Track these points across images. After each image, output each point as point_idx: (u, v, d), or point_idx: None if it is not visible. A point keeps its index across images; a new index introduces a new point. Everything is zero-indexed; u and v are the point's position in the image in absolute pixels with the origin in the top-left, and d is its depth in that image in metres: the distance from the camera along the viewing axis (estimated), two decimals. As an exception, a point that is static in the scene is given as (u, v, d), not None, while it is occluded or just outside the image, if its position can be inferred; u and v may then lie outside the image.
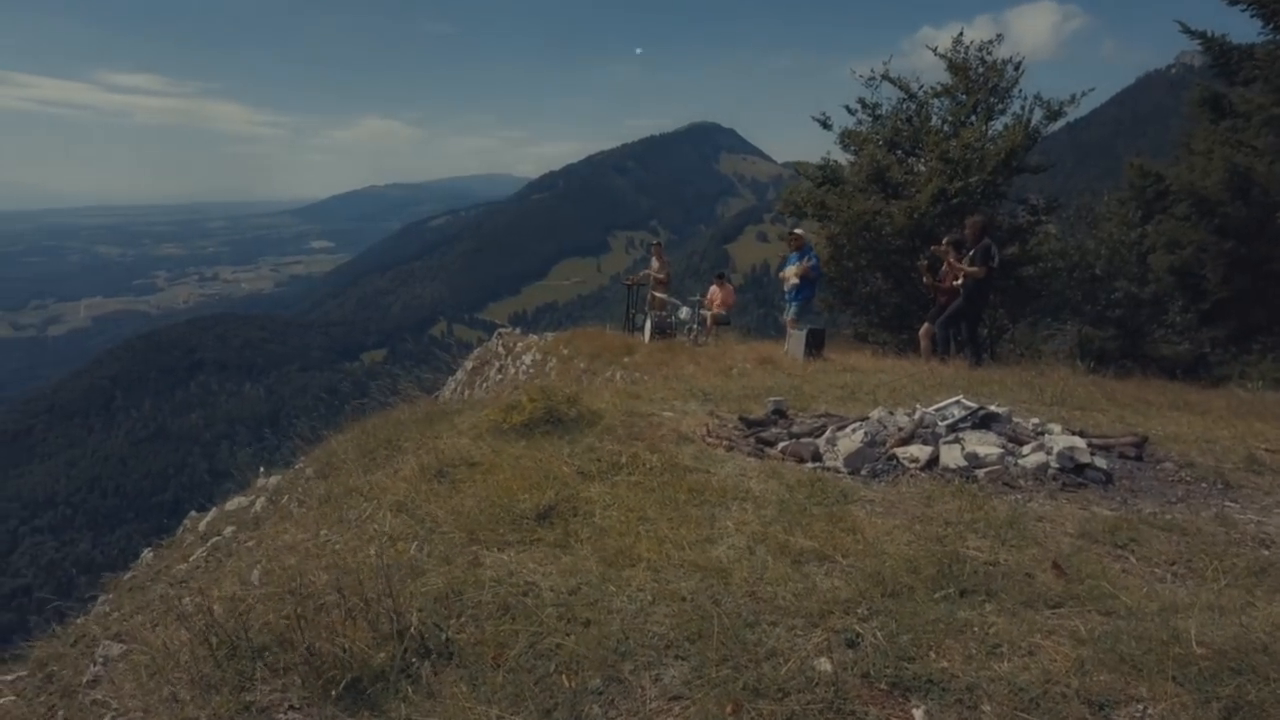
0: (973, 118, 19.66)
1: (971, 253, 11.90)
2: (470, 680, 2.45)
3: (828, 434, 4.67)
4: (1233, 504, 4.05)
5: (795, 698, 2.28)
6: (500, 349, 22.22)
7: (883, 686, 2.34)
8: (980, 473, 4.11)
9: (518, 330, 24.54)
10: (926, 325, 12.91)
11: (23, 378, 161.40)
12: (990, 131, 19.84)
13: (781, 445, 4.61)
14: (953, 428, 4.47)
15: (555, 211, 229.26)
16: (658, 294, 18.81)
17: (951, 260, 12.29)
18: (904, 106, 20.40)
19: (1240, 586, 2.97)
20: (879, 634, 2.60)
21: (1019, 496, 3.91)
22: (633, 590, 2.96)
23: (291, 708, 2.36)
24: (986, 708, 2.21)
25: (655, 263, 19.49)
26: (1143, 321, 19.17)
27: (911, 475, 4.16)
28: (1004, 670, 2.37)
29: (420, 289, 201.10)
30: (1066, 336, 22.57)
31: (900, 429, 4.49)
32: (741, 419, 5.38)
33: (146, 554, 6.44)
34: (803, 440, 4.60)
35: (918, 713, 2.23)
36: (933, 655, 2.47)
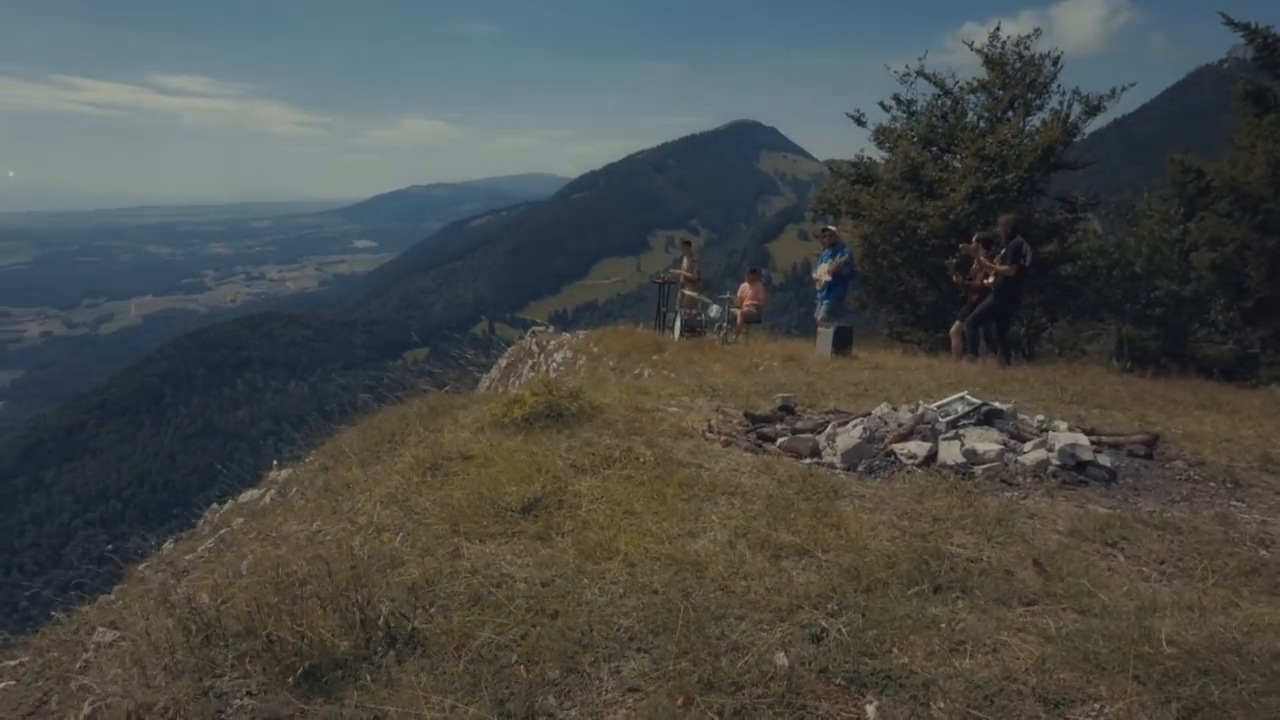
0: (1010, 113, 19.40)
1: (1003, 251, 11.74)
2: (431, 669, 2.45)
3: (829, 430, 4.62)
4: (1239, 503, 3.95)
5: (748, 691, 2.25)
6: (534, 347, 22.33)
7: (839, 682, 2.31)
8: (978, 469, 4.04)
9: (551, 328, 24.64)
10: (957, 324, 12.75)
11: (76, 375, 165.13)
12: (1027, 127, 19.58)
13: (780, 441, 4.58)
14: (954, 424, 4.41)
15: (595, 211, 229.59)
16: (688, 292, 18.78)
17: (982, 258, 12.13)
18: (939, 103, 20.18)
19: (1228, 586, 2.89)
20: (844, 629, 2.57)
21: (1014, 494, 3.84)
22: (605, 583, 2.95)
23: (249, 693, 2.38)
24: (940, 704, 2.17)
25: (685, 261, 19.47)
26: (1184, 321, 18.75)
27: (908, 472, 4.11)
28: (964, 667, 2.33)
29: (462, 288, 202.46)
30: (1110, 336, 22.17)
31: (900, 425, 4.44)
32: (746, 415, 5.35)
33: (168, 545, 6.55)
34: (801, 436, 4.56)
35: (870, 708, 2.20)
36: (895, 651, 2.44)
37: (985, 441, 4.20)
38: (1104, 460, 4.13)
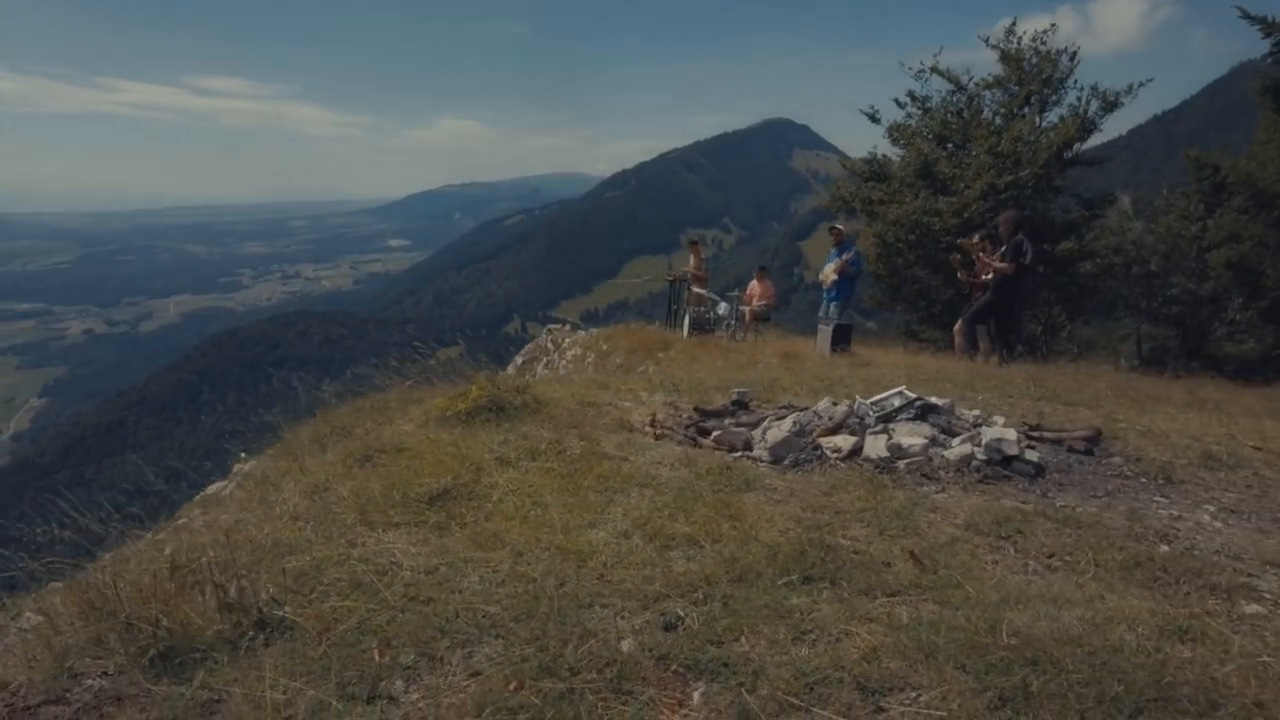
0: (1025, 110, 19.21)
1: (1003, 249, 11.65)
2: (291, 653, 2.51)
3: (765, 423, 4.63)
4: (1162, 499, 3.90)
5: (581, 677, 2.28)
6: (549, 344, 22.50)
7: (676, 669, 2.33)
8: (901, 464, 4.03)
9: (568, 326, 24.78)
10: (960, 322, 12.67)
11: (115, 372, 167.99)
12: (1044, 124, 19.37)
13: (715, 434, 4.59)
14: (886, 418, 4.39)
15: (627, 210, 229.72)
16: (696, 290, 18.80)
17: (982, 255, 12.04)
18: (954, 99, 20.01)
19: (1107, 580, 2.87)
20: (700, 618, 2.59)
21: (931, 488, 3.82)
22: (488, 571, 2.99)
23: (104, 674, 2.45)
24: (763, 690, 2.19)
25: (692, 260, 19.49)
26: (1203, 319, 18.46)
27: (831, 465, 4.10)
28: (800, 655, 2.34)
29: (494, 287, 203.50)
30: (1133, 335, 21.88)
31: (830, 419, 4.43)
32: (697, 409, 5.37)
33: (146, 537, 6.67)
34: (735, 430, 4.58)
35: (695, 694, 2.22)
36: (741, 640, 2.46)
37: (912, 436, 4.19)
38: (1032, 456, 4.10)
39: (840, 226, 15.02)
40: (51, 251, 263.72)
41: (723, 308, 17.83)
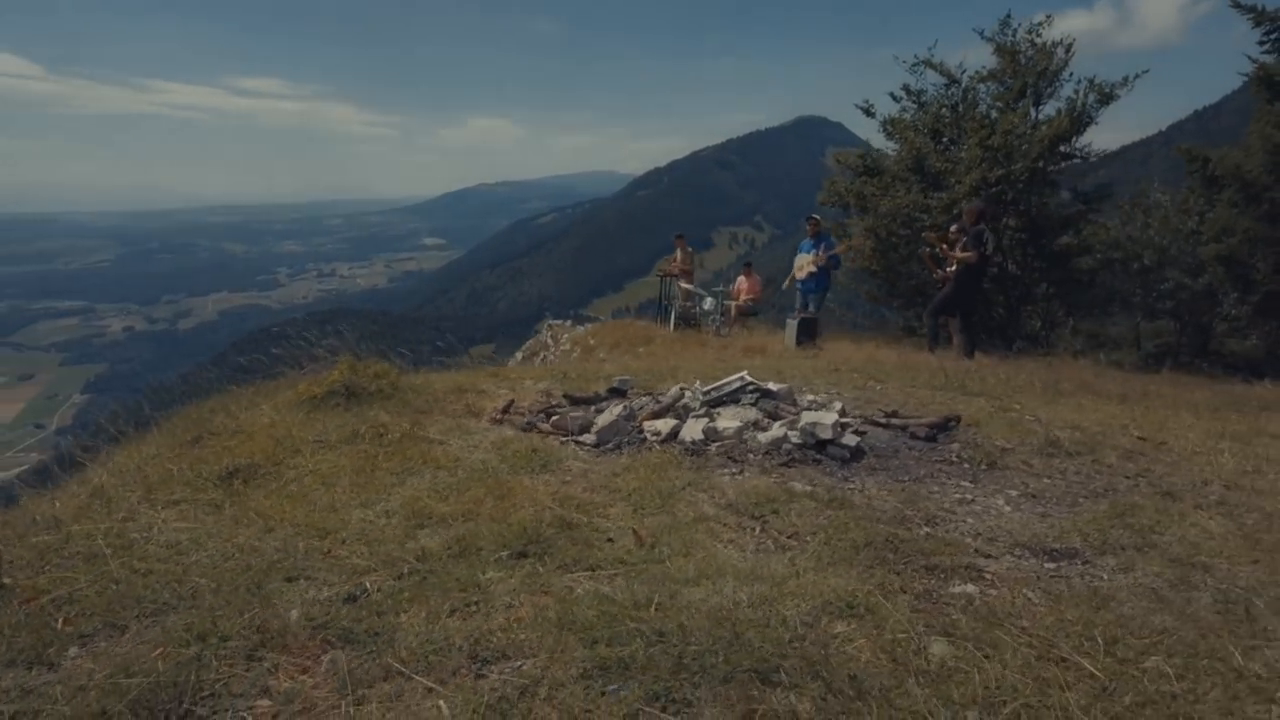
0: (1022, 102, 18.94)
1: (964, 239, 11.54)
2: (-11, 621, 2.56)
3: (605, 408, 4.62)
4: (969, 483, 3.83)
5: (233, 643, 2.31)
6: (549, 340, 22.62)
7: (325, 638, 2.35)
8: (713, 446, 4.01)
9: (568, 323, 24.90)
10: (925, 314, 12.58)
11: (154, 369, 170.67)
12: (1040, 117, 19.10)
13: (553, 419, 4.58)
14: (714, 403, 4.37)
15: (659, 207, 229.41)
16: (682, 284, 18.79)
17: (943, 246, 11.93)
18: (949, 93, 19.80)
19: (825, 559, 2.83)
20: (387, 591, 2.60)
21: (730, 470, 3.78)
22: (225, 545, 3.03)
23: None
24: (388, 659, 2.20)
25: (679, 254, 19.46)
26: (1200, 315, 18.10)
27: (649, 448, 4.08)
28: (449, 625, 2.35)
29: (527, 285, 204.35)
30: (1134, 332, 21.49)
31: (658, 402, 4.42)
32: (566, 396, 5.37)
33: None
34: (574, 414, 4.56)
35: (325, 659, 2.24)
36: (404, 612, 2.47)
37: (732, 419, 4.16)
38: (849, 440, 4.05)
39: (817, 216, 14.83)
40: (93, 250, 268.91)
41: (709, 303, 17.83)
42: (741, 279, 18.13)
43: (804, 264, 14.35)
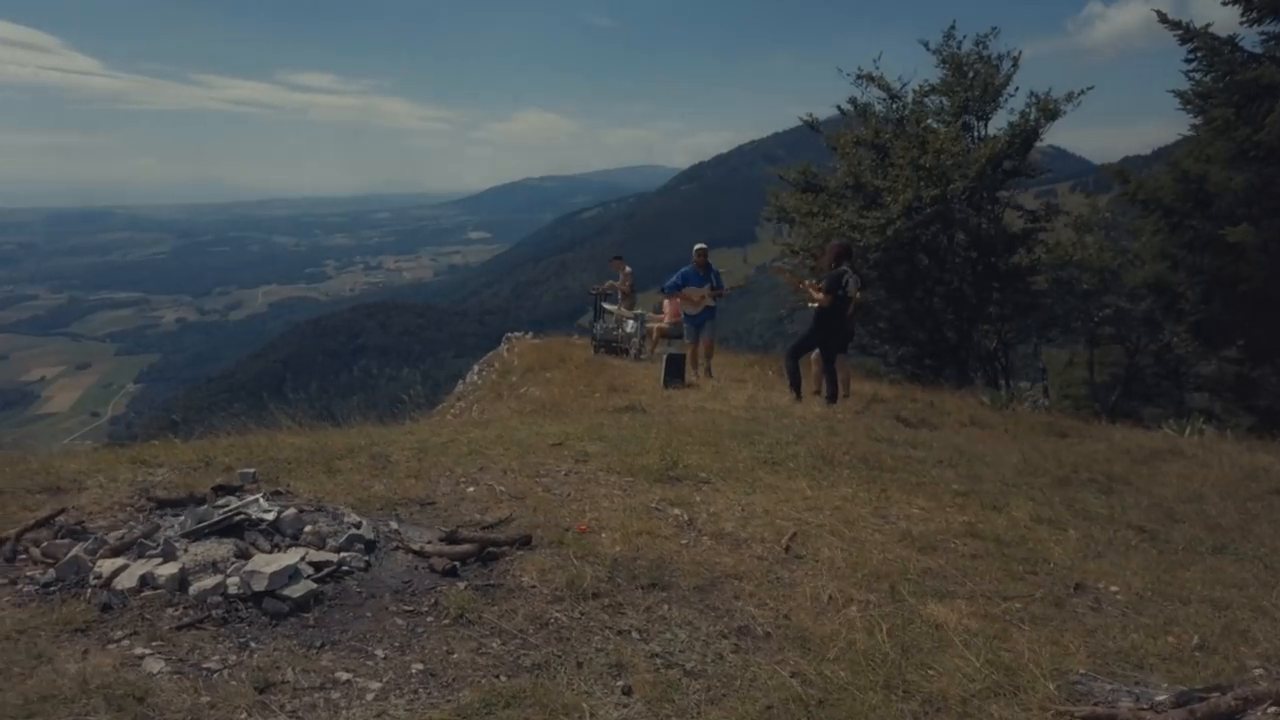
0: (968, 117, 18.30)
1: (824, 279, 11.04)
2: None
3: (133, 532, 4.19)
4: (381, 653, 3.39)
5: None
6: (504, 352, 22.45)
7: None
8: (136, 598, 3.62)
9: (530, 335, 24.67)
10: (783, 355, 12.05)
11: (205, 359, 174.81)
12: (990, 131, 18.45)
13: (44, 546, 4.18)
14: (196, 533, 3.97)
15: (703, 202, 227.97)
16: (607, 306, 18.45)
17: (805, 284, 11.42)
18: (892, 108, 19.20)
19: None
20: None
21: (113, 638, 3.35)
22: None
23: None
24: None
25: (621, 275, 19.09)
26: (1142, 342, 17.25)
27: (85, 597, 3.67)
28: None
29: (571, 279, 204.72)
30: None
31: (132, 530, 4.02)
32: (153, 499, 4.97)
33: None
34: (59, 544, 4.13)
35: None
36: None
37: (191, 557, 3.76)
38: (295, 590, 3.63)
39: (704, 246, 14.17)
40: (149, 243, 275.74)
41: (630, 325, 17.48)
42: (665, 301, 17.69)
43: (700, 298, 13.63)
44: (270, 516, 4.10)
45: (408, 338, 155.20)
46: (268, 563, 3.70)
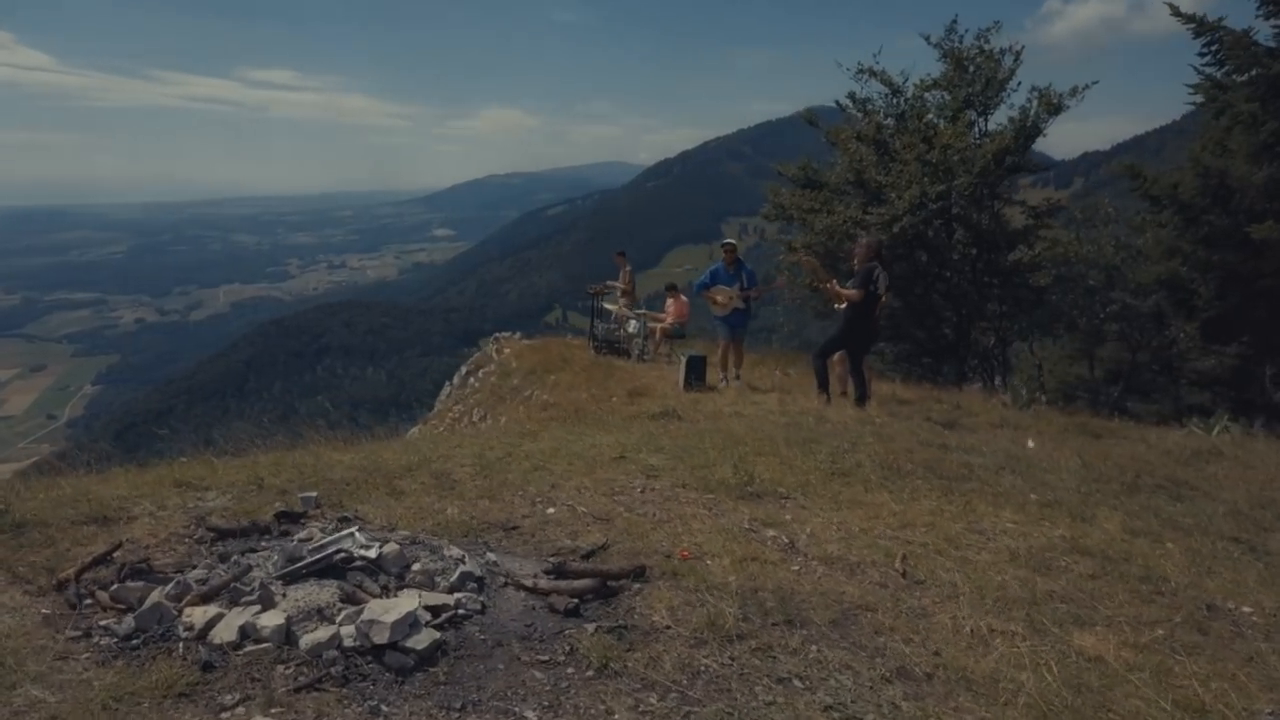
0: (970, 112, 18.11)
1: (854, 277, 10.72)
2: None
3: (188, 578, 3.77)
4: (531, 715, 3.03)
5: None
6: (493, 354, 21.99)
7: None
8: (239, 654, 3.21)
9: (518, 335, 24.23)
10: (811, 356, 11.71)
11: (166, 360, 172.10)
12: (990, 127, 18.29)
13: (113, 589, 3.76)
14: (291, 576, 3.57)
15: (669, 199, 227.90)
16: (608, 306, 18.06)
17: (830, 284, 11.08)
18: (893, 102, 18.97)
19: None
20: None
21: (225, 701, 2.95)
22: None
23: None
24: None
25: (621, 274, 18.70)
26: (1148, 339, 17.16)
27: (170, 650, 3.24)
28: None
29: (536, 277, 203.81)
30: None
31: (223, 577, 3.60)
32: (213, 529, 4.54)
33: None
34: (131, 586, 3.72)
35: None
36: None
37: (295, 605, 3.36)
38: (419, 640, 3.23)
39: (734, 242, 13.34)
40: (107, 242, 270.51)
41: (633, 325, 17.12)
42: (669, 301, 17.33)
43: (729, 298, 12.35)
44: (372, 554, 3.69)
45: (372, 337, 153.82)
46: (385, 610, 3.28)
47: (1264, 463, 8.74)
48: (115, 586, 3.69)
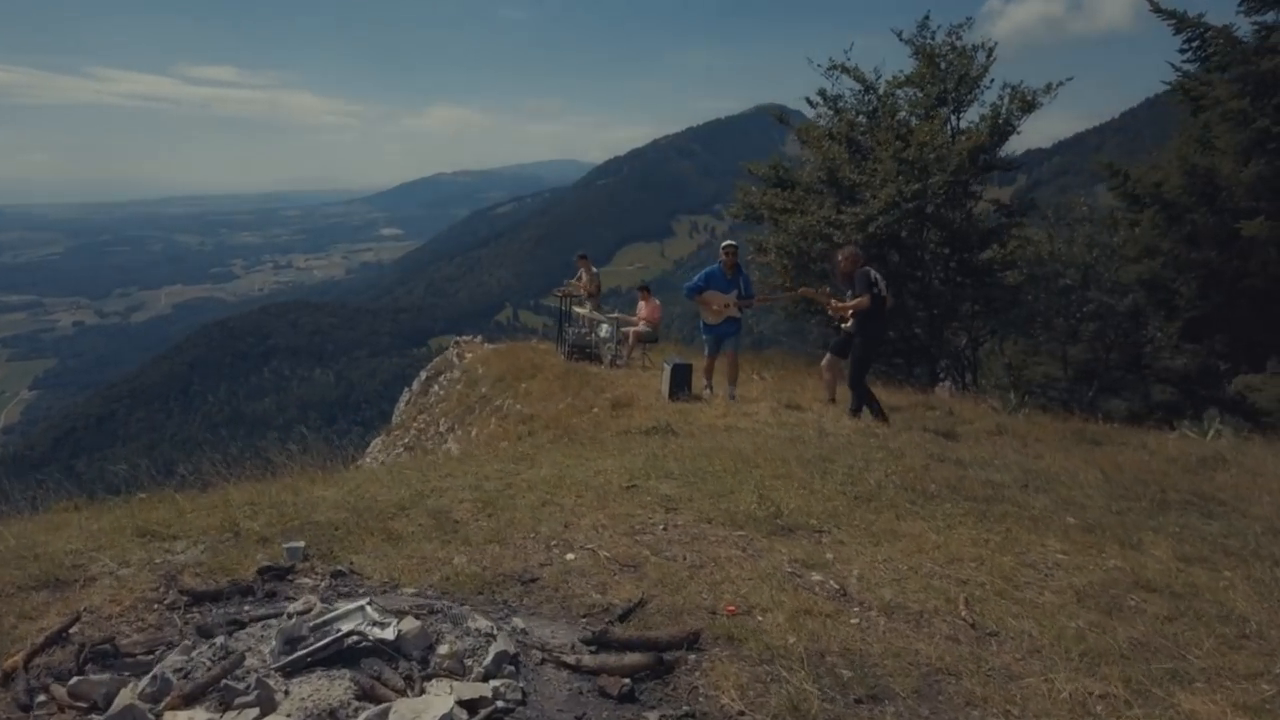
0: (943, 109, 17.84)
1: (851, 289, 10.35)
2: None
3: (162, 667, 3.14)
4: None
5: None
6: (454, 359, 21.24)
7: None
8: (233, 772, 2.63)
9: (479, 338, 23.52)
10: (829, 356, 11.22)
11: (107, 363, 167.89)
12: (963, 124, 18.04)
13: (70, 683, 3.11)
14: (295, 668, 2.99)
15: (619, 197, 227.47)
16: (577, 309, 17.48)
17: (834, 303, 10.67)
18: (865, 99, 18.63)
19: None
20: None
21: None
22: None
23: None
24: None
25: (583, 275, 18.13)
26: (1125, 339, 17.03)
27: None
28: None
29: (486, 276, 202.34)
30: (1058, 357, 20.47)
31: (223, 664, 2.99)
32: (185, 592, 3.93)
33: None
34: (95, 679, 3.08)
35: None
36: None
37: (302, 703, 2.78)
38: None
39: (735, 244, 12.32)
40: (42, 243, 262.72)
41: (604, 329, 16.57)
42: (640, 303, 16.77)
43: (723, 306, 11.39)
44: (390, 635, 3.10)
45: (320, 337, 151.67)
46: (414, 713, 2.70)
47: (1270, 470, 8.50)
48: (75, 680, 3.04)
